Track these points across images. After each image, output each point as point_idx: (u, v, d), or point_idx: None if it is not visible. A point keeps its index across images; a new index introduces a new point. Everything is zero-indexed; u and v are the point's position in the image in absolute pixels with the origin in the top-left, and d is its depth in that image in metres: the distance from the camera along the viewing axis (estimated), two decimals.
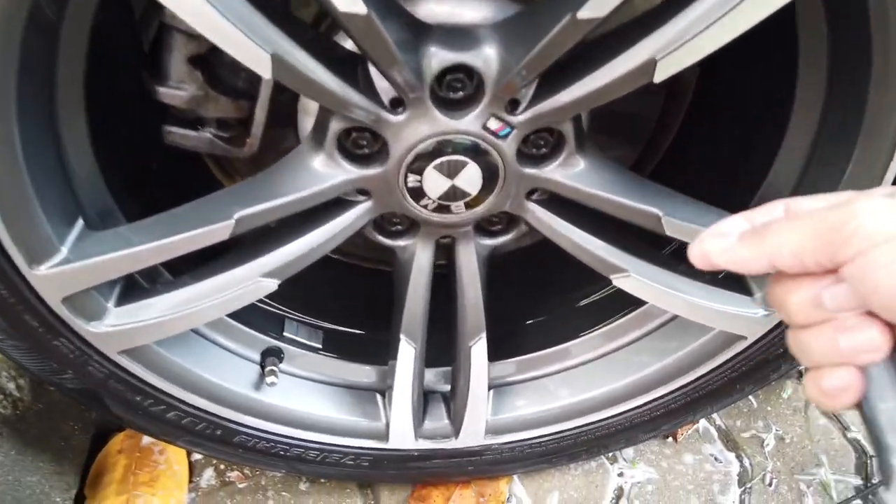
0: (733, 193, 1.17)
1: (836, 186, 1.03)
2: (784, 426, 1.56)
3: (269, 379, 1.22)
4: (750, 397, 1.60)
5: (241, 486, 1.46)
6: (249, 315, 1.27)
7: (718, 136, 1.31)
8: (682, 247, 1.22)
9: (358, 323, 1.39)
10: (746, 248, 0.56)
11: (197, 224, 0.96)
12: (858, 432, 1.54)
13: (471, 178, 1.01)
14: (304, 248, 1.05)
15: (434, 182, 1.01)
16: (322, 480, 1.47)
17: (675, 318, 1.26)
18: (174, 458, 1.48)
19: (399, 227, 1.11)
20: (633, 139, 1.37)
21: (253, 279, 1.05)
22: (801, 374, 1.64)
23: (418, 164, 0.98)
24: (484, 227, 1.13)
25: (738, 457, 1.52)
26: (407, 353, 1.20)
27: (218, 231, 0.97)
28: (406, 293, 1.15)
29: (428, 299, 1.17)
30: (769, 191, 1.12)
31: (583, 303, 1.38)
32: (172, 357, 1.15)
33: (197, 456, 1.49)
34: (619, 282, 1.11)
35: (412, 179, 1.00)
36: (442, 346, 1.28)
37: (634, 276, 1.11)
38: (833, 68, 1.01)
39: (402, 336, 1.19)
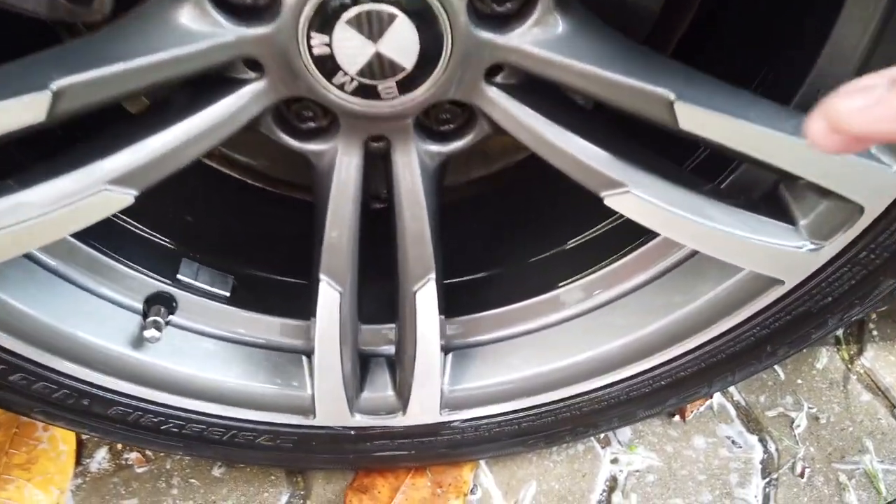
0: (773, 84, 0.86)
1: None
2: (818, 403, 1.26)
3: (147, 332, 0.93)
4: (777, 367, 1.30)
5: (139, 470, 1.18)
6: (129, 251, 0.97)
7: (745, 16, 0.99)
8: (707, 160, 0.93)
9: (281, 267, 1.09)
10: None
11: None
12: None
13: (402, 41, 0.70)
14: (168, 146, 0.75)
15: (349, 47, 0.70)
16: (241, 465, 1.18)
17: (687, 259, 0.96)
18: (60, 434, 1.20)
19: (311, 122, 0.81)
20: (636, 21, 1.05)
21: (97, 186, 0.74)
22: (838, 340, 1.34)
23: (325, 19, 0.68)
24: (429, 125, 0.82)
25: (762, 440, 1.23)
26: (330, 298, 0.91)
27: (26, 107, 0.67)
28: (326, 215, 0.85)
29: (356, 225, 0.87)
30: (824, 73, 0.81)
31: (568, 245, 1.08)
32: (9, 300, 0.86)
33: None
34: (612, 200, 0.81)
35: (318, 43, 0.70)
36: (387, 299, 0.99)
37: (635, 192, 0.80)
38: None
39: (322, 275, 0.90)
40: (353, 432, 1.07)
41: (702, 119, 0.73)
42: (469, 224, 1.17)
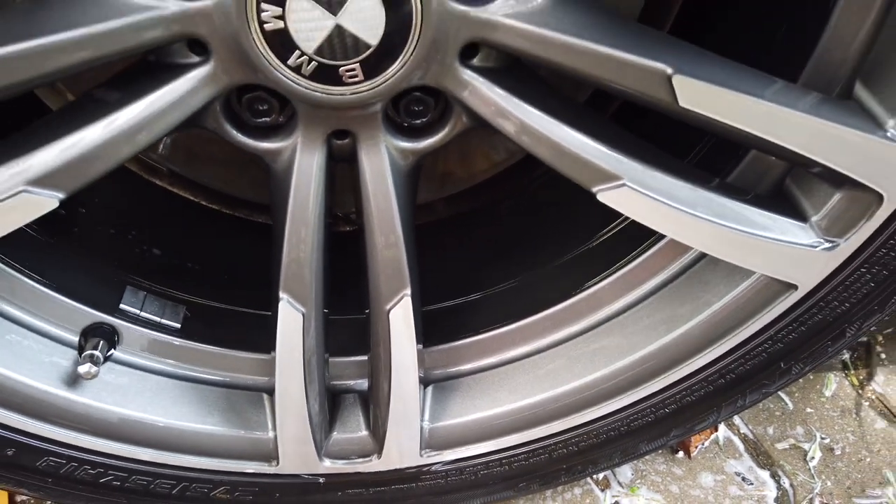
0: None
1: None
2: (831, 433, 1.17)
3: (82, 368, 0.81)
4: (783, 396, 1.21)
5: None
6: (65, 278, 0.86)
7: None
8: (713, 152, 0.85)
9: (239, 297, 0.98)
10: None
11: None
12: None
13: (365, 13, 0.62)
14: (100, 141, 0.65)
15: (306, 20, 0.62)
16: None
17: (690, 268, 0.88)
18: None
19: (266, 116, 0.72)
20: None
21: (15, 188, 0.64)
22: (845, 365, 1.25)
23: None
24: (399, 118, 0.73)
25: (775, 476, 1.12)
26: (292, 319, 0.80)
27: None
28: (285, 224, 0.75)
29: (321, 236, 0.77)
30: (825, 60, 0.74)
31: (559, 261, 0.99)
32: None
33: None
34: (606, 195, 0.73)
35: (270, 16, 0.62)
36: (361, 327, 0.89)
37: (631, 185, 0.72)
38: None
39: (283, 294, 0.79)
40: (322, 480, 0.95)
41: (703, 95, 0.66)
42: (448, 245, 1.08)
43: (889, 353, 1.27)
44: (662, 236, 0.86)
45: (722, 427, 1.17)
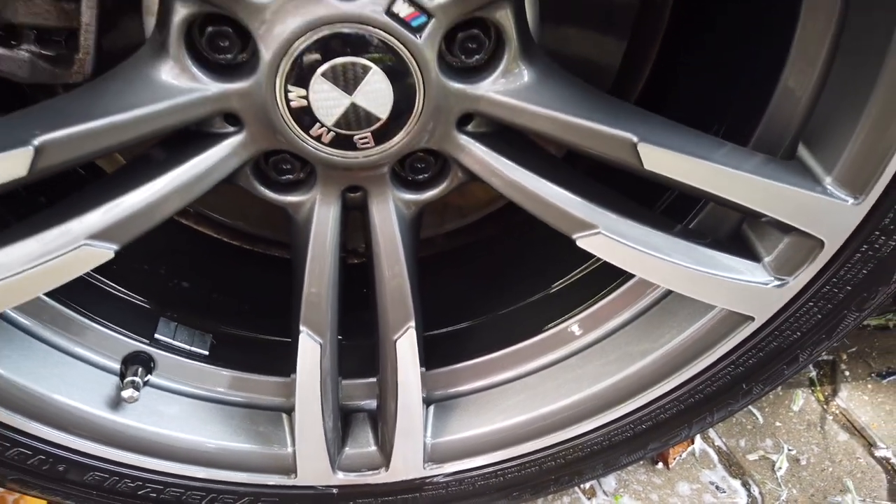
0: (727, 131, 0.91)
1: (855, 125, 0.76)
2: (798, 445, 1.27)
3: (125, 393, 0.91)
4: (755, 411, 1.31)
5: None
6: (108, 311, 0.97)
7: (705, 60, 1.04)
8: (675, 203, 0.96)
9: (260, 325, 1.09)
10: None
11: None
12: (888, 449, 1.26)
13: (376, 93, 0.73)
14: (150, 200, 0.76)
15: (326, 100, 0.73)
16: None
17: (660, 301, 0.99)
18: None
19: (289, 174, 0.83)
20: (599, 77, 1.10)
21: (77, 241, 0.75)
22: (812, 382, 1.36)
23: (301, 73, 0.71)
24: (404, 174, 0.85)
25: (745, 484, 1.23)
26: (310, 349, 0.91)
27: (9, 163, 0.68)
28: (305, 265, 0.86)
29: (336, 276, 0.88)
30: (771, 126, 0.86)
31: (547, 291, 1.10)
32: None
33: None
34: (584, 242, 0.84)
35: (295, 96, 0.73)
36: (370, 352, 0.99)
37: (606, 233, 0.83)
38: None
39: (302, 327, 0.90)
40: (335, 491, 1.05)
41: (665, 160, 0.77)
42: (446, 275, 1.18)
43: (852, 371, 1.38)
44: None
45: (698, 439, 1.28)
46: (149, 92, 0.72)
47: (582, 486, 1.23)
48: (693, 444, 1.27)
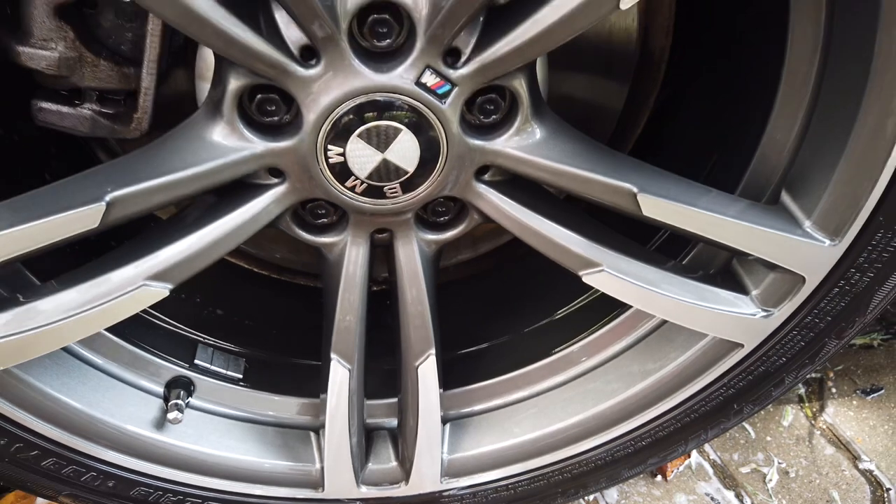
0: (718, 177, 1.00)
1: (831, 175, 0.85)
2: (787, 458, 1.36)
3: (171, 415, 1.00)
4: (747, 426, 1.40)
5: None
6: (152, 339, 1.06)
7: (697, 113, 1.14)
8: (670, 240, 1.06)
9: (290, 349, 1.18)
10: None
11: (58, 208, 0.76)
12: (871, 462, 1.35)
13: (405, 150, 0.82)
14: (202, 245, 0.86)
15: (360, 156, 0.82)
16: None
17: (658, 328, 1.08)
18: None
19: (324, 218, 0.92)
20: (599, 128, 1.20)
21: (137, 283, 0.84)
22: (801, 399, 1.45)
23: (340, 134, 0.80)
24: (427, 217, 0.94)
25: (738, 495, 1.31)
26: (340, 375, 1.00)
27: (84, 217, 0.77)
28: (336, 300, 0.95)
29: (363, 309, 0.97)
30: (759, 171, 0.95)
31: (554, 317, 1.19)
32: (43, 388, 0.94)
33: None
34: (590, 278, 0.93)
35: (334, 153, 0.82)
36: (390, 375, 1.08)
37: (609, 271, 0.92)
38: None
39: (333, 355, 0.99)
40: (359, 503, 1.14)
41: (661, 207, 0.86)
42: (460, 301, 1.27)
43: (839, 388, 1.47)
44: None
45: (694, 454, 1.37)
46: (204, 151, 0.81)
47: (586, 497, 1.32)
48: (690, 458, 1.36)
